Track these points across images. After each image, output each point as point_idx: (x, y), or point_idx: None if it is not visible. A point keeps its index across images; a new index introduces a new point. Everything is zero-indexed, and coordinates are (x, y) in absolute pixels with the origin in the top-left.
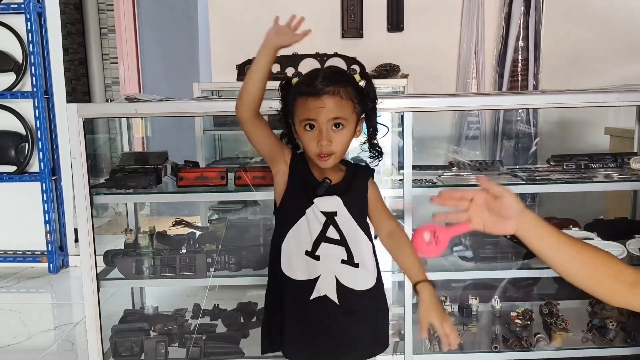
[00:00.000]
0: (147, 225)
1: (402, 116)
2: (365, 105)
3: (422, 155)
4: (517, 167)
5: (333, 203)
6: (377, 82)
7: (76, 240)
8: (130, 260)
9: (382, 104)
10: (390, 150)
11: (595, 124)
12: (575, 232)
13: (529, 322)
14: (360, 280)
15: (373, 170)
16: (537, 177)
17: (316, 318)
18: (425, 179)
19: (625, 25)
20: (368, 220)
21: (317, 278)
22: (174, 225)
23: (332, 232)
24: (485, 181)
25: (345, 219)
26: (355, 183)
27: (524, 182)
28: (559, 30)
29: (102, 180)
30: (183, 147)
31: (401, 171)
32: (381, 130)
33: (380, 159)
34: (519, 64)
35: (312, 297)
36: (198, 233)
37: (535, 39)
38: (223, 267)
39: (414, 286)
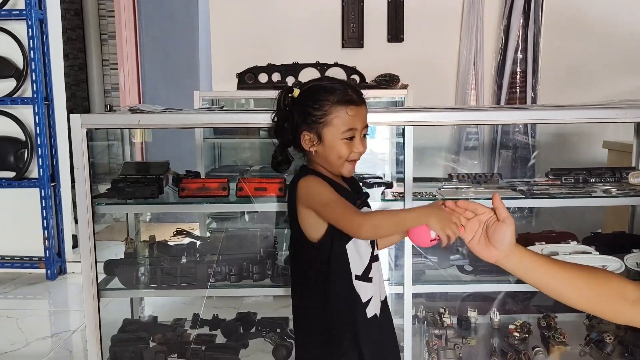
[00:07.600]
0: (146, 233)
1: (404, 129)
2: None
3: (421, 166)
4: (516, 180)
5: None
6: (377, 93)
7: (74, 247)
8: (131, 270)
9: (383, 117)
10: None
11: (593, 137)
12: (573, 245)
13: (527, 335)
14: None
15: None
16: (536, 192)
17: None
18: (426, 192)
19: (624, 38)
20: None
21: (369, 300)
22: (175, 235)
23: (375, 249)
24: (498, 200)
25: None
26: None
27: (524, 197)
28: (557, 43)
29: (101, 188)
30: (183, 155)
31: (399, 183)
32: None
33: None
34: (518, 76)
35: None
36: (198, 243)
37: (534, 51)
38: (224, 278)
39: None
